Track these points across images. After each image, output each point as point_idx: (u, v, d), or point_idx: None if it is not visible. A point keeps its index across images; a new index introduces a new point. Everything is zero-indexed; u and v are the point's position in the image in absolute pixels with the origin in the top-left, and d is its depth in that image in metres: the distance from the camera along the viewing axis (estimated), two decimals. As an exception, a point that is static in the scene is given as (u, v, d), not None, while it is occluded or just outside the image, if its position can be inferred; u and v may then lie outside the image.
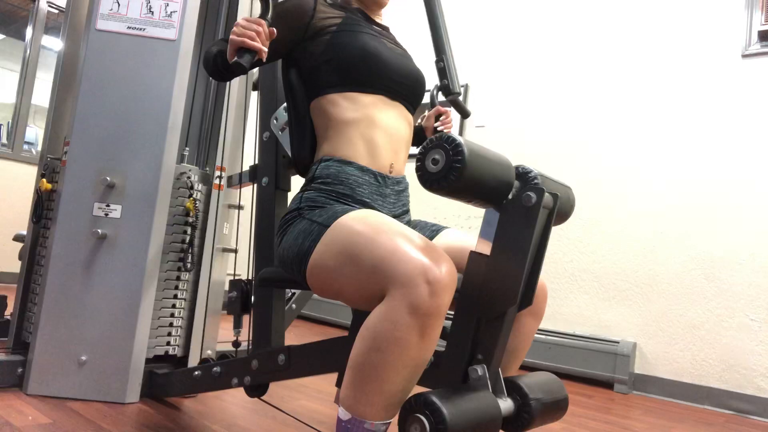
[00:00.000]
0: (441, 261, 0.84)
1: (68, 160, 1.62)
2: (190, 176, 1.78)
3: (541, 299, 1.10)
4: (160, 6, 1.67)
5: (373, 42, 1.18)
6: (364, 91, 1.16)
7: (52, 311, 1.57)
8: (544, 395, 0.96)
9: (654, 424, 2.02)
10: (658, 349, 2.59)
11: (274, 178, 1.43)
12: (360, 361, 0.85)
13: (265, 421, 1.55)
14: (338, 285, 0.94)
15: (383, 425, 0.85)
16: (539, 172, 0.90)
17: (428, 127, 1.53)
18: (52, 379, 1.56)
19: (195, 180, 1.79)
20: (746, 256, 2.43)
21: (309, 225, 1.04)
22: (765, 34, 2.51)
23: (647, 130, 2.78)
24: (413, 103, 1.27)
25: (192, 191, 1.77)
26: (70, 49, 1.95)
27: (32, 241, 1.85)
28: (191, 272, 1.81)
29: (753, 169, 2.47)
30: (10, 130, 4.19)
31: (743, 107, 2.53)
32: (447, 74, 1.39)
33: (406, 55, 1.28)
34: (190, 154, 1.96)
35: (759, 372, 2.34)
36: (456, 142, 0.79)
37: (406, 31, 3.84)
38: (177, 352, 1.77)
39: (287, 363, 1.24)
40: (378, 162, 1.16)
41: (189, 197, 1.77)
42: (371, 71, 1.16)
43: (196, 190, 1.78)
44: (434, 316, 0.82)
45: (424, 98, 1.48)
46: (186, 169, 1.79)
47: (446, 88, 1.40)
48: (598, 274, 2.83)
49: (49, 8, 4.27)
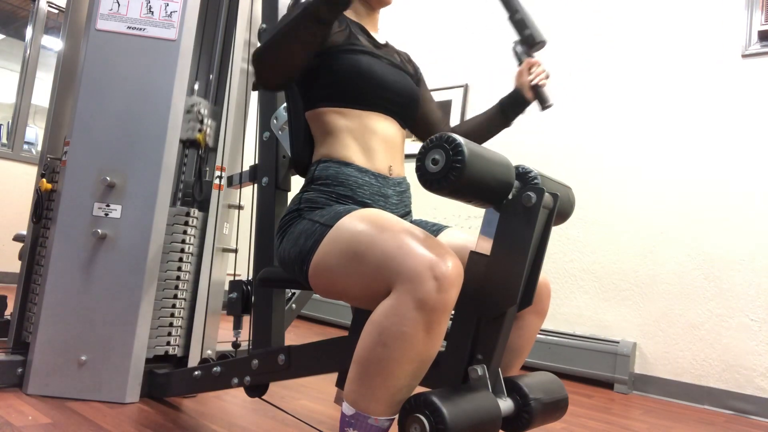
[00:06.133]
0: (447, 256, 0.84)
1: (68, 160, 1.62)
2: (200, 109, 1.79)
3: (545, 297, 1.10)
4: (160, 6, 1.67)
5: (367, 60, 1.17)
6: (356, 107, 1.17)
7: (52, 311, 1.57)
8: (544, 395, 0.96)
9: (654, 424, 2.02)
10: (658, 349, 2.59)
11: (274, 178, 1.43)
12: (365, 356, 0.84)
13: (265, 421, 1.55)
14: (342, 284, 0.94)
15: (387, 421, 0.85)
16: (539, 172, 0.90)
17: (523, 84, 1.35)
18: (52, 379, 1.56)
19: (205, 114, 1.80)
20: (746, 256, 2.43)
21: (310, 225, 1.04)
22: (765, 34, 2.51)
23: (647, 130, 2.78)
24: (406, 120, 1.27)
25: (202, 125, 1.78)
26: (70, 49, 1.95)
27: (32, 241, 1.85)
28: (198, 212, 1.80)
29: (753, 169, 2.46)
30: (10, 130, 4.19)
31: (743, 107, 2.52)
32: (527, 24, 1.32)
33: (401, 72, 1.25)
34: (190, 154, 1.96)
35: (759, 372, 2.34)
36: (456, 142, 0.79)
37: (405, 29, 3.84)
38: (177, 352, 1.77)
39: (287, 363, 1.24)
40: (375, 164, 1.16)
41: (199, 131, 1.77)
42: (363, 89, 1.16)
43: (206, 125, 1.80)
44: (441, 312, 0.82)
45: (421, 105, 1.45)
46: (196, 101, 1.80)
47: (529, 38, 1.32)
48: (598, 274, 2.83)
49: (49, 8, 4.27)
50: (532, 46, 1.35)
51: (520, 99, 1.36)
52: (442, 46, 3.66)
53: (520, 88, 1.36)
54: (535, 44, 1.34)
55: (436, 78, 3.63)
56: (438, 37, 3.70)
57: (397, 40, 3.86)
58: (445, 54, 3.64)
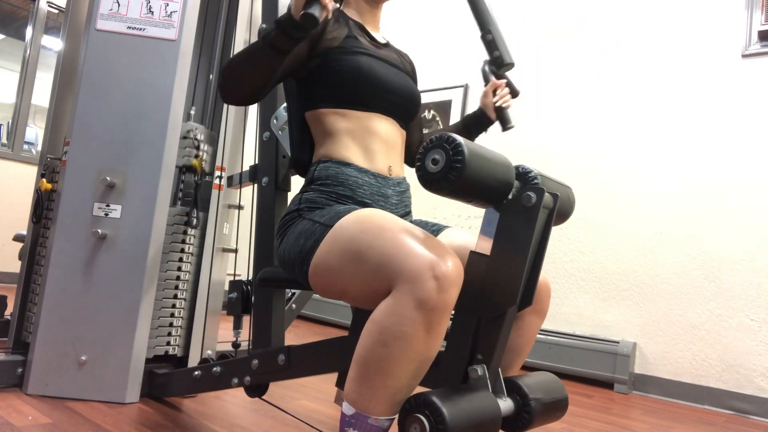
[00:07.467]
0: (447, 256, 0.84)
1: (68, 160, 1.62)
2: (197, 135, 1.79)
3: (545, 297, 1.10)
4: (160, 6, 1.67)
5: (367, 61, 1.17)
6: (357, 109, 1.17)
7: (52, 311, 1.57)
8: (544, 395, 0.96)
9: (654, 424, 2.02)
10: (658, 349, 2.59)
11: (274, 178, 1.43)
12: (365, 356, 0.84)
13: (265, 421, 1.55)
14: (342, 284, 0.94)
15: (387, 421, 0.85)
16: (539, 172, 0.90)
17: (487, 104, 1.40)
18: (52, 379, 1.56)
19: (201, 139, 1.81)
20: (746, 256, 2.43)
21: (311, 225, 1.04)
22: (765, 34, 2.51)
23: (647, 130, 2.78)
24: (406, 120, 1.27)
25: (198, 151, 1.79)
26: (70, 49, 1.95)
27: (32, 241, 1.85)
28: (197, 228, 1.80)
29: (753, 169, 2.46)
30: (10, 130, 4.19)
31: (743, 107, 2.53)
32: (497, 45, 1.34)
33: (402, 72, 1.26)
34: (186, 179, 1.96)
35: (759, 372, 2.34)
36: (456, 142, 0.79)
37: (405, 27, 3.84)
38: (177, 352, 1.77)
39: (287, 363, 1.24)
40: (375, 165, 1.16)
41: (195, 157, 1.77)
42: (364, 91, 1.16)
43: (202, 150, 1.80)
44: (441, 311, 0.82)
45: (420, 111, 1.45)
46: (192, 126, 1.80)
47: (498, 59, 1.34)
48: (598, 274, 2.83)
49: (49, 8, 4.27)
50: (500, 66, 1.37)
51: (483, 118, 1.41)
52: (442, 46, 3.66)
53: (484, 108, 1.41)
54: (503, 65, 1.37)
55: (436, 78, 3.63)
56: (438, 37, 3.70)
57: (397, 40, 3.86)
58: (445, 54, 3.64)
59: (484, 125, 1.42)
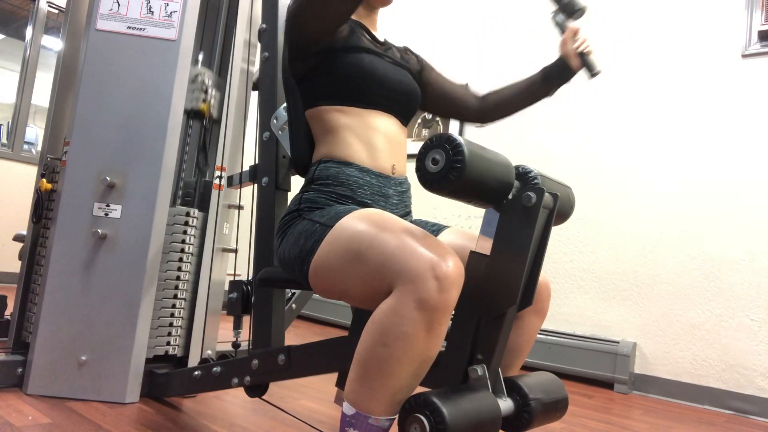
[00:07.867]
0: (448, 256, 0.84)
1: (68, 160, 1.62)
2: (205, 79, 1.76)
3: (545, 297, 1.10)
4: (160, 6, 1.67)
5: (369, 58, 1.17)
6: (358, 105, 1.17)
7: (52, 311, 1.57)
8: (544, 395, 0.96)
9: (654, 424, 2.02)
10: (658, 349, 2.59)
11: (274, 178, 1.43)
12: (366, 356, 0.85)
13: (265, 421, 1.55)
14: (343, 284, 0.94)
15: (387, 421, 0.85)
16: (539, 172, 0.90)
17: (568, 53, 1.32)
18: (52, 379, 1.56)
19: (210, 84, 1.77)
20: (746, 256, 2.43)
21: (311, 225, 1.04)
22: (765, 34, 2.51)
23: (647, 130, 2.78)
24: (407, 117, 1.27)
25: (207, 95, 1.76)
26: (70, 49, 1.95)
27: (32, 241, 1.85)
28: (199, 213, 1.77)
29: (753, 169, 2.46)
30: (10, 130, 4.19)
31: (743, 107, 2.52)
32: None
33: (402, 69, 1.26)
34: (190, 153, 1.96)
35: (759, 372, 2.34)
36: (456, 142, 0.79)
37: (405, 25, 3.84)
38: (177, 352, 1.77)
39: (287, 363, 1.24)
40: (378, 163, 1.16)
41: (203, 101, 1.74)
42: (365, 88, 1.16)
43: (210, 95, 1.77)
44: (442, 311, 0.82)
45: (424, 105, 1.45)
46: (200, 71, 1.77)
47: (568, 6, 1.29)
48: (598, 274, 2.83)
49: (49, 8, 4.27)
50: (572, 13, 1.31)
51: (565, 68, 1.33)
52: (442, 46, 3.66)
53: (565, 57, 1.33)
54: (575, 11, 1.30)
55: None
56: (438, 37, 3.70)
57: (398, 40, 3.86)
58: (445, 54, 3.64)
59: (567, 75, 1.33)
